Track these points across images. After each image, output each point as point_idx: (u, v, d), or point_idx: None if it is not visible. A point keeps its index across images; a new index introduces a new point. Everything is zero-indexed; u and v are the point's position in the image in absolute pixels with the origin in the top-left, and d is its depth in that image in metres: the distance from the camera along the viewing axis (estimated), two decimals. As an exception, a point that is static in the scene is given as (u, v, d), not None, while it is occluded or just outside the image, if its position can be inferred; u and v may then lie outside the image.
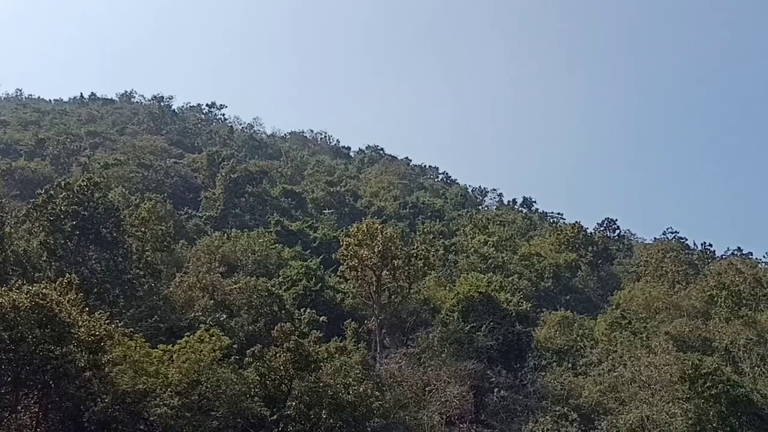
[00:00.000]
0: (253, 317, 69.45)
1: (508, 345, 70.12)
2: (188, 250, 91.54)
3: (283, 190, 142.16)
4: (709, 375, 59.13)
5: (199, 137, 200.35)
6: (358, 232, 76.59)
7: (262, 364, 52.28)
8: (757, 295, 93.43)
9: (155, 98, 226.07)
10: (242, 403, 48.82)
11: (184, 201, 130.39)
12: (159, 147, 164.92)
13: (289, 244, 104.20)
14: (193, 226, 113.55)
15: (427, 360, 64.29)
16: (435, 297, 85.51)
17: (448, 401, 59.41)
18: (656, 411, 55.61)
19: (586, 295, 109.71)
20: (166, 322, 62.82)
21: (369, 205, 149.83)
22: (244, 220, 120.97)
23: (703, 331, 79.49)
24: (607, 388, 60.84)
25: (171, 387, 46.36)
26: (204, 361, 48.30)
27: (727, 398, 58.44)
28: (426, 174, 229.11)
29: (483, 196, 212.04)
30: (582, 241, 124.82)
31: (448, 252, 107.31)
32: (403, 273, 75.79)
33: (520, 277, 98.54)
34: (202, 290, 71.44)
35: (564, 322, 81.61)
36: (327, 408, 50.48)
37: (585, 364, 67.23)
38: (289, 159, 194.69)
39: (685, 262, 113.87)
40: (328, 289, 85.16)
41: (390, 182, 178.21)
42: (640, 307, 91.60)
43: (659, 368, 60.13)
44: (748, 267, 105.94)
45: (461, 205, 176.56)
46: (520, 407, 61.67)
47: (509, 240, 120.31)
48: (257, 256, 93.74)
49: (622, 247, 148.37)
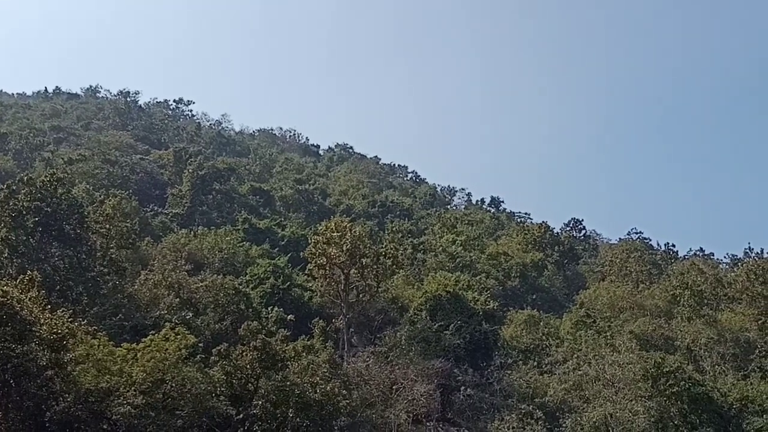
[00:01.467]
0: (220, 316, 68.91)
1: (475, 344, 70.52)
2: (154, 247, 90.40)
3: (251, 187, 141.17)
4: (671, 373, 60.25)
5: (166, 133, 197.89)
6: (327, 231, 76.39)
7: (228, 362, 51.89)
8: (718, 295, 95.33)
9: (121, 93, 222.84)
10: (208, 402, 48.42)
11: (150, 198, 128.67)
12: (125, 143, 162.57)
13: (257, 242, 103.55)
14: (159, 223, 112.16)
15: (395, 358, 64.38)
16: (403, 296, 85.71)
17: (415, 400, 59.58)
18: (619, 409, 56.46)
19: (552, 295, 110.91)
20: (130, 321, 62.03)
21: (338, 204, 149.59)
22: (212, 217, 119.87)
23: (666, 330, 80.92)
24: (571, 386, 61.56)
25: (135, 386, 45.80)
26: (169, 359, 47.77)
27: (688, 396, 59.59)
28: (395, 173, 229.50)
29: (452, 195, 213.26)
30: (548, 241, 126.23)
31: (417, 251, 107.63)
32: (371, 272, 75.79)
33: (487, 276, 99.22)
34: (167, 288, 70.63)
35: (530, 321, 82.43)
36: (294, 407, 50.28)
37: (550, 362, 67.97)
38: (258, 156, 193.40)
39: (649, 262, 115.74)
40: (296, 288, 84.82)
41: (359, 181, 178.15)
42: (605, 307, 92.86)
43: (623, 367, 61.03)
44: (710, 267, 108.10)
45: (430, 204, 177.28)
46: (487, 405, 62.10)
47: (477, 239, 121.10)
48: (224, 254, 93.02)
49: (588, 247, 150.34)
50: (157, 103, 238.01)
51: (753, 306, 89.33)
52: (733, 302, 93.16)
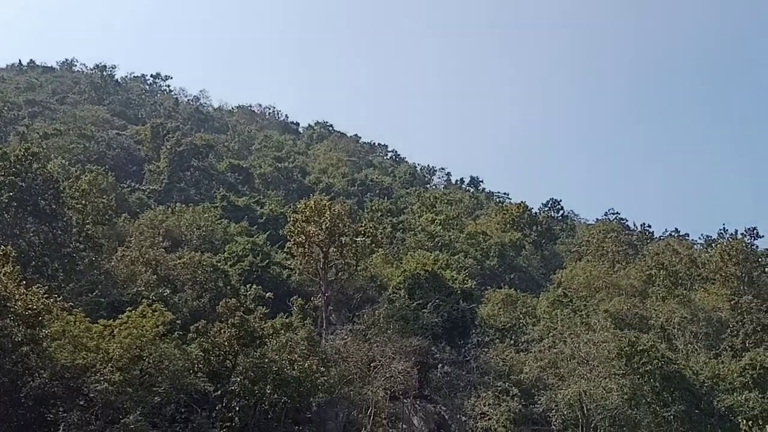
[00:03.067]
0: (198, 293, 68.68)
1: (453, 322, 71.02)
2: (131, 224, 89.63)
3: (229, 164, 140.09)
4: (645, 352, 61.21)
5: (143, 108, 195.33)
6: (306, 209, 76.19)
7: (206, 339, 51.88)
8: (692, 275, 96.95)
9: (97, 67, 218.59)
10: (185, 378, 48.40)
11: (127, 174, 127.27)
12: (101, 117, 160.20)
13: (236, 219, 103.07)
14: (136, 199, 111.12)
15: (373, 336, 64.70)
16: (382, 274, 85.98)
17: (392, 377, 60.01)
18: (593, 386, 57.25)
19: (529, 274, 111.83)
20: (107, 297, 61.61)
21: (317, 182, 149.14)
22: (190, 194, 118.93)
23: (641, 310, 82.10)
24: (547, 364, 62.27)
25: (112, 362, 45.58)
26: (146, 336, 47.60)
27: (661, 374, 60.64)
28: (375, 152, 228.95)
29: (431, 174, 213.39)
30: (527, 221, 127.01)
31: (396, 230, 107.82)
32: (350, 250, 75.83)
33: (466, 255, 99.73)
34: (144, 265, 70.17)
35: (507, 299, 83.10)
36: (271, 384, 50.46)
37: (527, 340, 68.64)
38: (236, 133, 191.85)
39: (625, 243, 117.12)
40: (275, 266, 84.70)
41: (339, 159, 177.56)
42: (581, 286, 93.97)
43: (597, 345, 61.85)
44: (685, 248, 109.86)
45: (409, 183, 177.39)
46: (463, 382, 62.70)
47: (456, 219, 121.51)
48: (202, 231, 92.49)
49: (566, 227, 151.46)
50: (134, 77, 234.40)
51: (726, 286, 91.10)
52: (706, 282, 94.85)
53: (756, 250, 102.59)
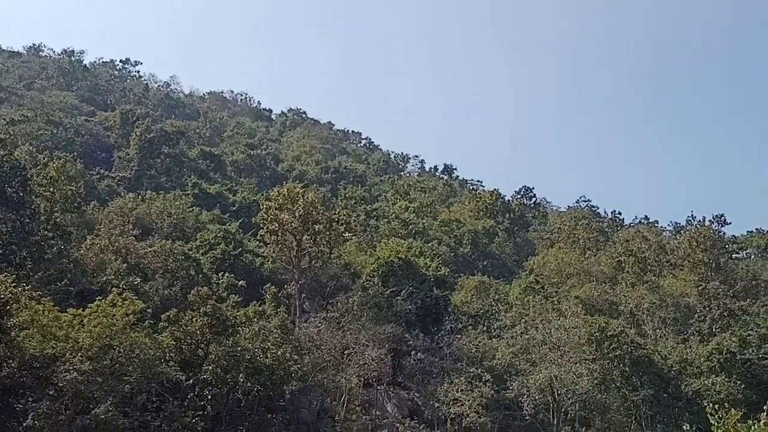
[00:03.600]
0: (169, 281, 68.05)
1: (426, 309, 71.31)
2: (100, 211, 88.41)
3: (201, 151, 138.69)
4: (615, 337, 62.10)
5: (112, 94, 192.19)
6: (279, 196, 75.79)
7: (178, 328, 51.46)
8: (661, 262, 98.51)
9: (65, 52, 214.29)
10: (157, 367, 47.97)
11: (96, 161, 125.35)
12: (69, 104, 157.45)
13: (207, 207, 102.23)
14: (106, 186, 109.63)
15: (347, 324, 64.69)
16: (355, 262, 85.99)
17: (366, 364, 60.10)
18: (564, 371, 57.92)
19: (502, 261, 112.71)
20: (76, 286, 60.67)
21: (290, 169, 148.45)
22: (160, 181, 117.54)
23: (611, 296, 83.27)
24: (519, 349, 62.87)
25: (81, 351, 44.99)
26: (116, 325, 47.02)
27: (630, 359, 61.59)
28: (349, 139, 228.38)
29: (405, 162, 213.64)
30: (500, 209, 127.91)
31: (370, 217, 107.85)
32: (324, 238, 75.67)
33: (439, 242, 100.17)
34: (114, 253, 69.29)
35: (480, 286, 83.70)
36: (244, 372, 50.26)
37: (499, 327, 69.24)
38: (208, 120, 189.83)
39: (596, 230, 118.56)
40: (248, 254, 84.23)
41: (312, 146, 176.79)
42: (553, 273, 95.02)
43: (568, 331, 62.57)
44: (654, 235, 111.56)
45: (383, 170, 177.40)
46: (436, 369, 63.03)
47: (430, 206, 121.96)
48: (173, 219, 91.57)
49: (538, 214, 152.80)
50: (102, 63, 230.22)
51: (694, 272, 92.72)
52: (675, 268, 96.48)
53: (723, 236, 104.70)
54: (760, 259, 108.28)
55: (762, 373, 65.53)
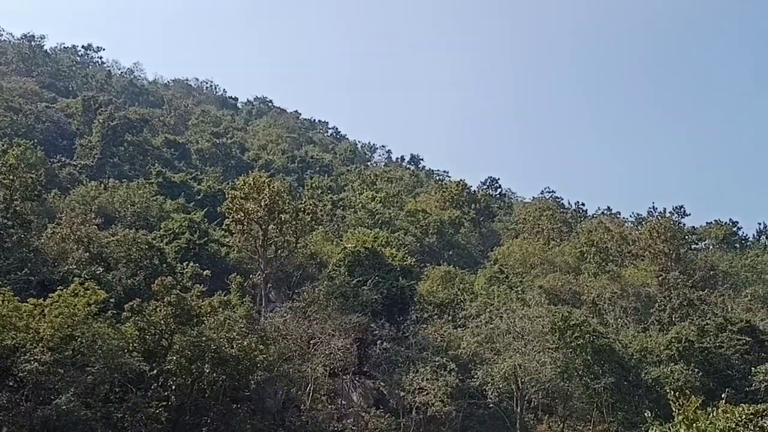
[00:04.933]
0: (132, 271, 67.17)
1: (392, 299, 71.56)
2: (61, 200, 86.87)
3: (165, 140, 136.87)
4: (577, 326, 63.02)
5: (74, 81, 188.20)
6: (245, 186, 75.22)
7: (141, 318, 50.88)
8: (623, 252, 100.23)
9: (25, 37, 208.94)
10: (120, 358, 47.38)
11: (57, 148, 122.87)
12: (29, 90, 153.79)
13: (172, 196, 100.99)
14: (67, 174, 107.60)
15: (313, 314, 64.65)
16: (322, 252, 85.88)
17: (332, 354, 60.22)
18: (528, 360, 58.70)
19: (467, 251, 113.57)
20: (37, 275, 59.57)
21: (256, 158, 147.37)
22: (123, 170, 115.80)
23: (574, 285, 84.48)
24: (484, 339, 63.49)
25: (42, 342, 44.23)
26: (78, 315, 46.31)
27: (592, 347, 62.60)
28: (315, 128, 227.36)
29: (372, 152, 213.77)
30: (466, 199, 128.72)
31: (336, 207, 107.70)
32: (290, 227, 75.34)
33: (405, 232, 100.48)
34: (76, 242, 68.14)
35: (446, 276, 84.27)
36: (210, 362, 49.94)
37: (464, 316, 69.75)
38: (172, 108, 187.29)
39: (560, 221, 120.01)
40: (213, 243, 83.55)
41: (278, 135, 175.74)
42: (517, 263, 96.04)
43: (532, 320, 63.40)
44: (616, 226, 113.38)
45: (350, 160, 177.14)
46: (402, 358, 63.32)
47: (396, 196, 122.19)
48: (137, 207, 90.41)
49: (503, 205, 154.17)
50: (64, 48, 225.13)
51: (654, 262, 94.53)
52: (636, 259, 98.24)
53: (683, 227, 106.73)
54: (718, 250, 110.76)
55: (719, 362, 67.17)
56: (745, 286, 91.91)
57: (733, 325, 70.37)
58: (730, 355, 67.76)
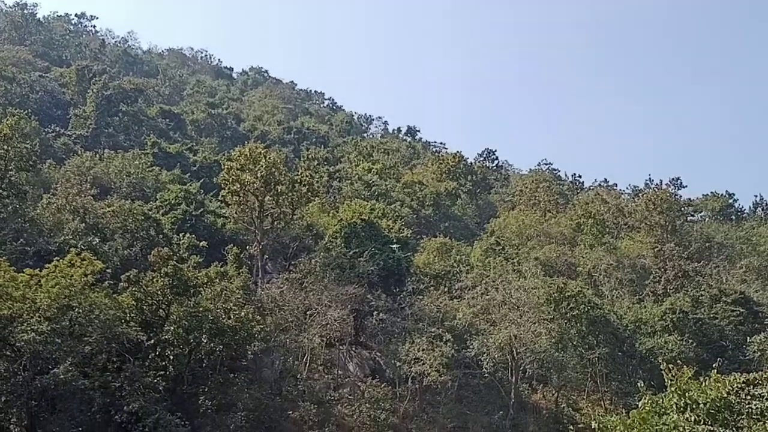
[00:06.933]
0: (129, 242, 67.15)
1: (389, 270, 71.74)
2: (57, 170, 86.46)
3: (160, 110, 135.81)
4: (572, 297, 63.41)
5: (68, 50, 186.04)
6: (241, 157, 74.94)
7: (138, 289, 50.90)
8: (619, 224, 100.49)
9: (17, 5, 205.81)
10: (117, 328, 47.49)
11: (52, 118, 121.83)
12: (23, 59, 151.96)
13: (167, 167, 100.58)
14: (62, 145, 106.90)
15: (309, 285, 64.80)
16: (318, 223, 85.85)
17: (328, 324, 60.49)
18: (523, 331, 59.11)
19: (464, 223, 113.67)
20: (33, 246, 59.48)
21: (252, 129, 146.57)
22: (118, 140, 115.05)
23: (570, 257, 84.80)
24: (479, 310, 63.81)
25: (39, 312, 44.23)
26: (75, 286, 46.27)
27: (587, 318, 63.05)
28: (311, 99, 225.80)
29: (368, 123, 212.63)
30: (462, 171, 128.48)
31: (333, 179, 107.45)
32: (286, 199, 75.23)
33: (402, 204, 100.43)
34: (72, 213, 68.02)
35: (442, 248, 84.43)
36: (207, 332, 50.09)
37: (460, 288, 69.99)
38: (167, 78, 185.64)
39: (557, 192, 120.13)
40: (209, 214, 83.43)
41: (274, 106, 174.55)
42: (514, 234, 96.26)
43: (528, 291, 63.69)
44: (613, 197, 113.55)
45: (346, 132, 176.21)
46: (398, 329, 63.68)
47: (393, 168, 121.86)
48: (132, 178, 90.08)
49: (500, 177, 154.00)
50: (57, 16, 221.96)
51: (650, 234, 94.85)
52: (632, 230, 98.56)
53: (679, 199, 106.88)
54: (714, 222, 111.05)
55: (713, 332, 67.78)
56: (740, 258, 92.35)
57: (727, 297, 70.90)
58: (723, 326, 68.39)
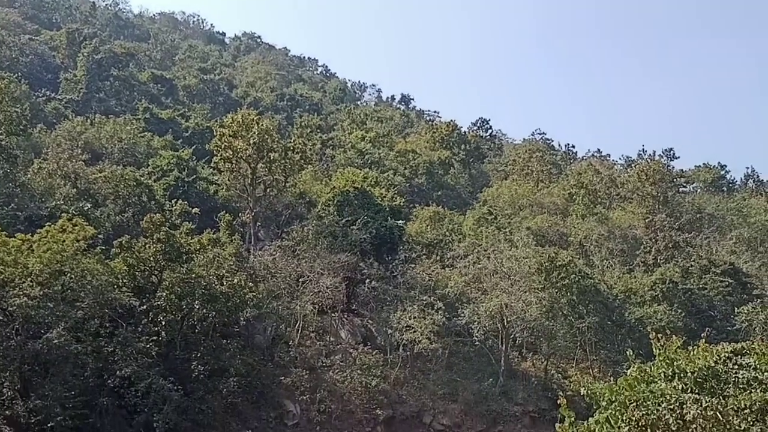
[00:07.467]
0: (121, 208, 66.97)
1: (381, 238, 71.88)
2: (47, 135, 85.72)
3: (152, 75, 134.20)
4: (563, 267, 63.67)
5: (58, 12, 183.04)
6: (233, 123, 74.38)
7: (131, 255, 50.91)
8: (611, 195, 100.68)
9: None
10: (109, 293, 47.57)
11: (42, 82, 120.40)
12: (12, 21, 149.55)
13: (159, 132, 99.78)
14: (53, 109, 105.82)
15: (302, 253, 64.92)
16: (311, 191, 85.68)
17: (320, 292, 60.76)
18: (514, 299, 59.50)
19: (457, 192, 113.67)
20: (24, 211, 59.27)
21: (245, 96, 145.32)
22: (109, 105, 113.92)
23: (561, 227, 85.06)
24: (471, 279, 64.12)
25: (32, 277, 44.26)
26: (67, 251, 46.25)
27: (578, 288, 63.41)
28: (305, 66, 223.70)
29: (362, 91, 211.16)
30: (456, 140, 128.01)
31: (326, 146, 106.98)
32: (279, 166, 74.96)
33: (395, 173, 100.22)
34: (63, 178, 67.68)
35: (435, 217, 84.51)
36: (199, 299, 50.27)
37: (452, 257, 70.24)
38: (159, 42, 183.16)
39: (550, 162, 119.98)
40: (201, 181, 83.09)
41: (267, 72, 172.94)
42: (506, 204, 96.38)
43: (519, 261, 63.97)
44: (605, 168, 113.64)
45: (340, 99, 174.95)
46: (390, 297, 64.00)
47: (386, 136, 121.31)
48: (124, 144, 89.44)
49: (493, 146, 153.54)
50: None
51: (642, 205, 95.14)
52: (624, 201, 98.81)
53: (672, 170, 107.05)
54: (705, 193, 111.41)
55: (701, 302, 68.43)
56: (731, 229, 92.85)
57: (716, 267, 71.44)
58: (712, 297, 69.02)
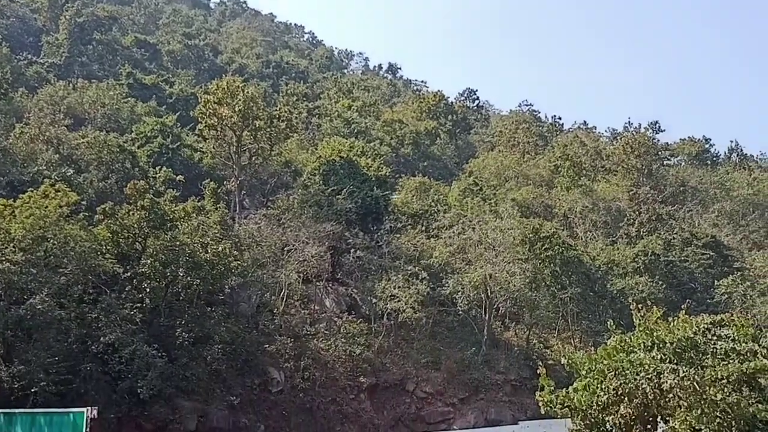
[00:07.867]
0: (104, 174, 66.31)
1: (367, 208, 71.84)
2: (29, 99, 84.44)
3: (135, 39, 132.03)
4: (547, 238, 64.23)
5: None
6: (218, 90, 73.57)
7: (114, 221, 50.55)
8: (596, 167, 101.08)
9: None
10: (93, 260, 47.30)
11: (23, 45, 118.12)
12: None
13: (143, 98, 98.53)
14: (34, 73, 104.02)
15: (287, 221, 64.78)
16: (297, 160, 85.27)
17: (305, 261, 60.80)
18: (498, 270, 59.93)
19: (443, 163, 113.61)
20: (5, 176, 58.59)
21: (230, 62, 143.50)
22: (92, 69, 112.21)
23: (546, 199, 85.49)
24: (456, 249, 64.45)
25: (14, 243, 43.97)
26: (50, 217, 45.93)
27: (561, 259, 64.05)
28: (291, 32, 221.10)
29: (349, 59, 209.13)
30: (443, 110, 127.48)
31: (312, 115, 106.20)
32: (264, 134, 74.43)
33: (381, 143, 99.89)
34: (45, 143, 66.84)
35: (421, 187, 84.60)
36: (184, 266, 50.11)
37: (437, 227, 70.46)
38: (142, 6, 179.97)
39: (536, 134, 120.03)
40: (186, 148, 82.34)
41: (253, 39, 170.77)
42: (492, 175, 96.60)
43: (504, 232, 64.32)
44: (591, 140, 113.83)
45: (326, 67, 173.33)
46: (375, 266, 64.18)
47: (373, 106, 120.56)
48: (107, 109, 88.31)
49: (480, 117, 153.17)
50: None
51: (627, 177, 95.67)
52: (609, 173, 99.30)
53: (657, 143, 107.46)
54: (689, 166, 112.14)
55: (683, 275, 69.37)
56: (713, 203, 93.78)
57: (698, 240, 72.33)
58: (693, 269, 69.97)
